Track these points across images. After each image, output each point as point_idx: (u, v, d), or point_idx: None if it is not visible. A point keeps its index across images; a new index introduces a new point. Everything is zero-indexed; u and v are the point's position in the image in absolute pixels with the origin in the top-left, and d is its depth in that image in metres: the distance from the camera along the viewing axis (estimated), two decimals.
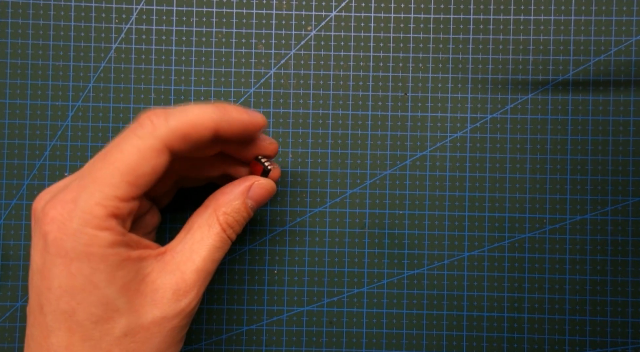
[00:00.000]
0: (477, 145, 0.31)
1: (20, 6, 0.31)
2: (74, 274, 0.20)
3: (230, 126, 0.23)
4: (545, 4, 0.31)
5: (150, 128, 0.21)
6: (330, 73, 0.31)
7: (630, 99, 0.31)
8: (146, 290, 0.22)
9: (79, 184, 0.21)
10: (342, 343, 0.30)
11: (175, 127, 0.22)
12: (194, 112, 0.22)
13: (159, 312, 0.22)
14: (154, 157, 0.21)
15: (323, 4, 0.31)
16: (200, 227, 0.24)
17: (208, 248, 0.24)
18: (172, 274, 0.23)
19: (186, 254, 0.23)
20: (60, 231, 0.20)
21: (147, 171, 0.21)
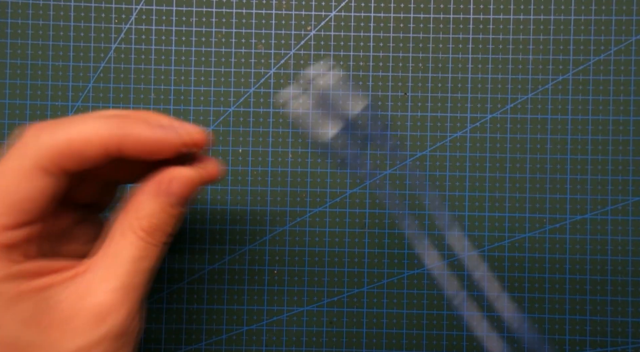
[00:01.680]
0: (477, 145, 0.31)
1: (20, 6, 0.31)
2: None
3: (135, 145, 0.20)
4: (545, 4, 0.31)
5: (23, 147, 0.19)
6: (330, 73, 0.31)
7: (630, 99, 0.31)
8: (60, 319, 0.20)
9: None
10: (342, 343, 0.30)
11: (50, 146, 0.19)
12: (78, 129, 0.20)
13: (80, 341, 0.20)
14: (28, 181, 0.19)
15: (323, 4, 0.31)
16: (112, 239, 0.21)
17: (127, 261, 0.21)
18: (90, 297, 0.20)
19: (100, 272, 0.20)
20: None
21: (30, 195, 0.19)
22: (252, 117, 0.31)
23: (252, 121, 0.31)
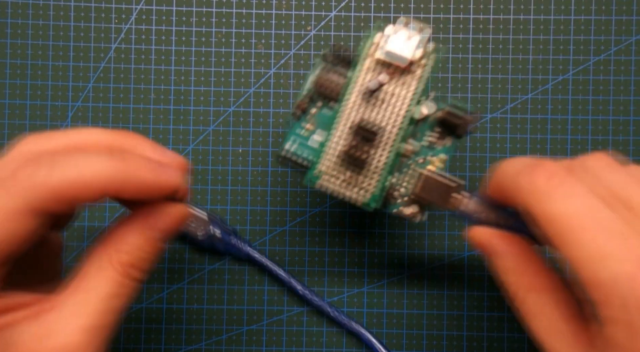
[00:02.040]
0: (477, 145, 0.31)
1: (20, 6, 0.31)
2: None
3: (134, 188, 0.18)
4: (545, 4, 0.31)
5: (13, 185, 0.17)
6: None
7: (630, 99, 0.31)
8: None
9: None
10: (342, 343, 0.30)
11: (46, 189, 0.17)
12: (77, 170, 0.17)
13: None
14: (19, 221, 0.17)
15: (323, 4, 0.31)
16: (87, 273, 0.19)
17: (100, 298, 0.19)
18: (54, 337, 0.18)
19: (71, 309, 0.18)
20: None
21: (13, 236, 0.17)
22: (252, 117, 0.31)
23: (252, 121, 0.31)
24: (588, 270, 0.17)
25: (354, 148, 0.23)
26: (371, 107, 0.24)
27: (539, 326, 0.19)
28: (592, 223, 0.17)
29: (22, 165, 0.17)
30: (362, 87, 0.23)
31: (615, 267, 0.16)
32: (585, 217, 0.17)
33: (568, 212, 0.17)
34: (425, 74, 0.23)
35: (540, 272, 0.20)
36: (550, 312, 0.19)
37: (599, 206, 0.17)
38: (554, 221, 0.17)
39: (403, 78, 0.23)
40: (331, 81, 0.24)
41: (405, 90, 0.23)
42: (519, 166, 0.20)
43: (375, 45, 0.23)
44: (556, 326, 0.19)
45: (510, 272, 0.21)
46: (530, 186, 0.18)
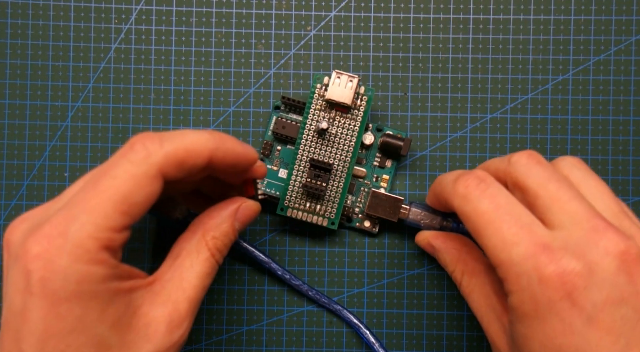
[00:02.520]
0: (477, 145, 0.31)
1: (20, 6, 0.31)
2: (62, 316, 0.18)
3: (224, 156, 0.22)
4: (545, 4, 0.31)
5: (144, 153, 0.20)
6: (329, 72, 0.31)
7: (630, 99, 0.31)
8: (138, 324, 0.20)
9: (66, 214, 0.19)
10: (342, 343, 0.30)
11: (171, 153, 0.20)
12: (190, 138, 0.21)
13: (153, 347, 0.20)
14: (148, 185, 0.20)
15: (323, 4, 0.31)
16: (189, 253, 0.23)
17: (198, 275, 0.22)
18: (164, 306, 0.21)
19: (176, 283, 0.22)
20: (47, 269, 0.18)
21: (141, 200, 0.20)
22: (252, 117, 0.31)
23: (252, 121, 0.31)
24: (496, 255, 0.20)
25: (312, 181, 0.28)
26: (326, 142, 0.29)
27: (474, 301, 0.24)
28: (497, 217, 0.21)
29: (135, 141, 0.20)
30: (313, 128, 0.28)
31: (516, 251, 0.20)
32: (492, 213, 0.21)
33: (479, 211, 0.21)
34: (365, 109, 0.28)
35: (472, 260, 0.25)
36: (480, 290, 0.24)
37: (504, 202, 0.21)
38: (471, 218, 0.22)
39: (348, 114, 0.28)
40: (285, 128, 0.29)
41: (352, 123, 0.29)
42: (451, 178, 0.23)
43: (318, 93, 0.28)
44: (486, 301, 0.24)
45: (449, 263, 0.26)
46: (455, 192, 0.22)
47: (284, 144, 0.30)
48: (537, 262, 0.19)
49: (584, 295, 0.19)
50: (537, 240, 0.20)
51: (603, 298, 0.19)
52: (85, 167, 0.30)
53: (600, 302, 0.19)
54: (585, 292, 0.19)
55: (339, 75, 0.28)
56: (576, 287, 0.19)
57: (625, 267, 0.20)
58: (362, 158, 0.30)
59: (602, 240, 0.20)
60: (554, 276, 0.19)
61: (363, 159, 0.30)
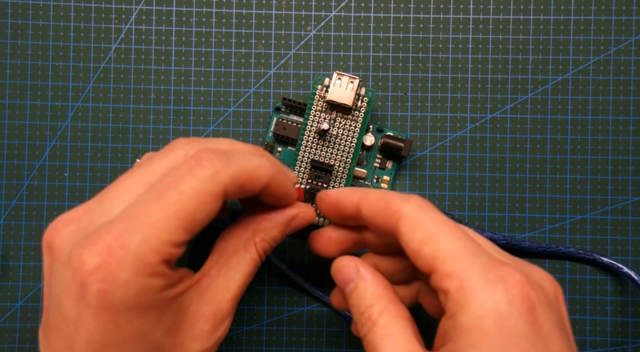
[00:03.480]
0: (476, 145, 0.31)
1: (20, 6, 0.31)
2: (121, 327, 0.18)
3: (277, 189, 0.22)
4: (545, 4, 0.31)
5: (211, 171, 0.20)
6: (330, 73, 0.31)
7: (630, 99, 0.31)
8: (186, 324, 0.21)
9: (128, 226, 0.18)
10: (342, 343, 0.30)
11: (236, 174, 0.20)
12: (253, 162, 0.21)
13: (200, 345, 0.21)
14: (212, 203, 0.20)
15: (323, 4, 0.31)
16: (237, 251, 0.23)
17: (244, 275, 0.22)
18: (209, 305, 0.21)
19: (222, 282, 0.22)
20: (107, 282, 0.18)
21: (203, 217, 0.20)
22: (252, 117, 0.31)
23: (252, 121, 0.31)
24: (457, 260, 0.19)
25: (313, 182, 0.28)
26: (326, 143, 0.29)
27: (388, 346, 0.20)
28: (458, 228, 0.20)
29: (202, 156, 0.20)
30: (314, 129, 0.28)
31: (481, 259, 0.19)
32: (452, 224, 0.20)
33: (440, 220, 0.21)
34: (365, 111, 0.28)
35: (397, 303, 0.22)
36: (400, 334, 0.21)
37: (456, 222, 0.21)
38: (426, 224, 0.20)
39: (349, 115, 0.28)
40: (286, 129, 0.29)
41: (353, 125, 0.29)
42: (386, 193, 0.23)
43: (319, 94, 0.28)
44: (406, 346, 0.20)
45: (369, 296, 0.22)
46: (408, 202, 0.21)
47: (285, 145, 0.30)
48: (502, 271, 0.19)
49: (545, 312, 0.19)
50: (496, 257, 0.20)
51: (554, 321, 0.19)
52: (85, 167, 0.30)
53: (554, 324, 0.19)
54: (547, 310, 0.19)
55: (340, 77, 0.28)
56: (540, 302, 0.19)
57: (558, 296, 0.20)
58: (363, 159, 0.30)
59: (534, 269, 0.20)
60: (521, 286, 0.18)
61: (364, 160, 0.30)
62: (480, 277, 0.19)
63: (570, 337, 0.20)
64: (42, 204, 0.30)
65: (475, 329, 0.18)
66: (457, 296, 0.19)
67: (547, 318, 0.18)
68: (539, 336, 0.18)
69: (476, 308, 0.18)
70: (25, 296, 0.30)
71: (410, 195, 0.22)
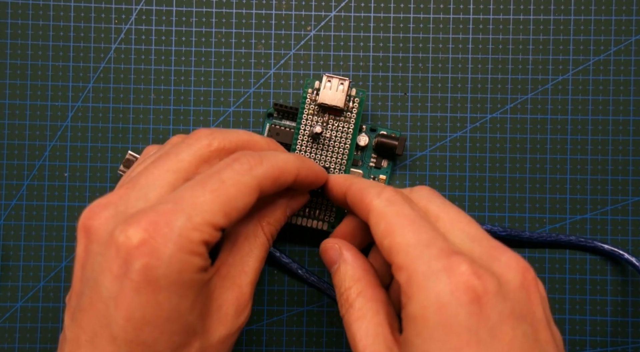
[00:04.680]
0: (476, 145, 0.31)
1: (20, 6, 0.31)
2: (161, 304, 0.19)
3: (307, 176, 0.24)
4: (545, 4, 0.31)
5: (247, 166, 0.21)
6: (330, 73, 0.31)
7: (630, 99, 0.31)
8: (212, 309, 0.22)
9: (173, 207, 0.20)
10: (342, 343, 0.30)
11: (269, 170, 0.22)
12: (282, 158, 0.23)
13: (225, 329, 0.22)
14: (248, 194, 0.21)
15: (323, 4, 0.31)
16: (247, 238, 0.24)
17: (257, 259, 0.24)
18: (231, 290, 0.22)
19: (239, 267, 0.23)
20: (152, 256, 0.19)
21: (241, 206, 0.21)
22: (252, 117, 0.31)
23: (252, 121, 0.31)
24: (408, 252, 0.20)
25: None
26: (321, 146, 0.29)
27: (361, 328, 0.22)
28: (417, 221, 0.21)
29: (239, 155, 0.22)
30: (307, 133, 0.28)
31: (429, 251, 0.20)
32: (414, 217, 0.21)
33: (402, 213, 0.21)
34: (357, 111, 0.29)
35: (374, 286, 0.23)
36: (373, 316, 0.22)
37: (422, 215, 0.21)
38: (389, 217, 0.21)
39: (341, 117, 0.29)
40: (279, 135, 0.29)
41: (346, 126, 0.29)
42: (371, 183, 0.24)
43: (310, 98, 0.29)
44: (376, 329, 0.21)
45: (348, 278, 0.23)
46: (380, 195, 0.22)
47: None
48: (450, 262, 0.19)
49: (492, 302, 0.19)
50: (450, 247, 0.20)
51: (508, 310, 0.19)
52: (85, 167, 0.30)
53: (505, 314, 0.19)
54: (494, 300, 0.19)
55: (330, 79, 0.28)
56: (486, 292, 0.19)
57: (526, 284, 0.20)
58: (358, 160, 0.30)
59: (502, 256, 0.20)
60: (465, 276, 0.19)
61: (359, 161, 0.30)
62: (426, 269, 0.19)
63: (538, 327, 0.20)
64: (42, 204, 0.30)
65: (419, 319, 0.19)
66: (406, 287, 0.20)
67: (495, 308, 0.19)
68: (484, 325, 0.18)
69: (420, 299, 0.19)
70: (25, 296, 0.30)
71: (385, 187, 0.23)
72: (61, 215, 0.30)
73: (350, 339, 0.22)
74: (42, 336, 0.30)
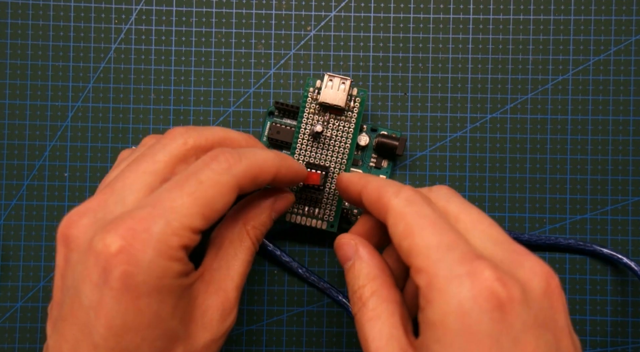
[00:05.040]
0: (476, 145, 0.31)
1: (20, 6, 0.31)
2: (141, 310, 0.19)
3: (286, 173, 0.23)
4: (545, 4, 0.31)
5: (226, 165, 0.21)
6: (331, 73, 0.31)
7: (630, 99, 0.31)
8: (197, 314, 0.21)
9: (151, 211, 0.19)
10: (342, 343, 0.30)
11: (248, 168, 0.21)
12: (261, 156, 0.22)
13: (210, 335, 0.22)
14: (227, 194, 0.21)
15: (323, 4, 0.31)
16: (232, 242, 0.23)
17: (242, 263, 0.23)
18: (216, 295, 0.22)
19: (224, 272, 0.23)
20: (131, 263, 0.18)
21: (220, 207, 0.21)
22: (252, 117, 0.31)
23: (252, 121, 0.31)
24: (429, 255, 0.19)
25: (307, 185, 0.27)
26: (321, 145, 0.29)
27: (374, 328, 0.21)
28: (439, 222, 0.20)
29: (217, 153, 0.21)
30: (308, 132, 0.28)
31: (452, 255, 0.19)
32: (436, 218, 0.20)
33: (422, 213, 0.21)
34: (358, 111, 0.28)
35: (389, 286, 0.22)
36: (387, 318, 0.21)
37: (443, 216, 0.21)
38: (409, 218, 0.21)
39: (342, 117, 0.29)
40: (280, 133, 0.29)
41: (347, 125, 0.29)
42: (387, 182, 0.23)
43: (311, 97, 0.28)
44: (390, 331, 0.21)
45: (363, 276, 0.23)
46: (399, 194, 0.22)
47: (280, 149, 0.30)
48: (473, 267, 0.18)
49: (516, 310, 0.18)
50: (474, 251, 0.19)
51: (531, 319, 0.18)
52: (85, 168, 0.30)
53: (529, 323, 0.18)
54: (518, 307, 0.18)
55: (331, 78, 0.28)
56: (510, 300, 0.18)
57: (549, 291, 0.19)
58: (358, 159, 0.30)
59: (526, 261, 0.20)
60: (489, 282, 0.18)
61: (359, 161, 0.30)
62: (448, 273, 0.19)
63: (560, 335, 0.19)
64: (42, 204, 0.30)
65: (439, 325, 0.18)
66: (426, 291, 0.19)
67: (519, 316, 0.18)
68: (506, 334, 0.18)
69: (441, 304, 0.18)
70: (25, 296, 0.30)
71: (404, 187, 0.22)
72: (61, 215, 0.30)
73: (362, 339, 0.21)
74: (42, 336, 0.30)
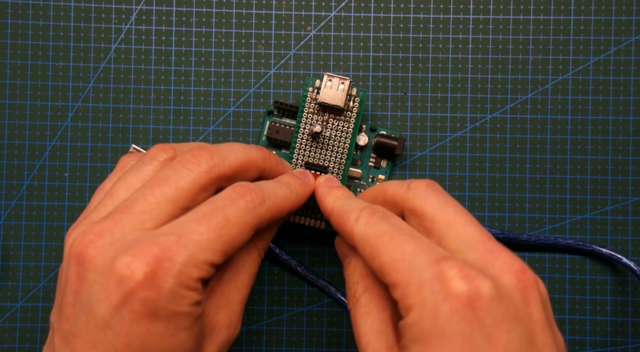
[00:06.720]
0: (476, 145, 0.31)
1: (20, 6, 0.31)
2: (160, 334, 0.19)
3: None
4: (545, 4, 0.31)
5: (252, 205, 0.21)
6: (330, 73, 0.31)
7: (630, 99, 0.31)
8: (206, 331, 0.22)
9: (176, 241, 0.20)
10: (342, 343, 0.30)
11: (269, 210, 0.22)
12: (281, 196, 0.23)
13: (215, 348, 0.22)
14: (248, 233, 0.21)
15: (323, 4, 0.31)
16: (241, 254, 0.24)
17: (250, 276, 0.24)
18: (225, 309, 0.23)
19: (232, 285, 0.23)
20: (153, 290, 0.19)
21: (239, 245, 0.21)
22: (252, 117, 0.31)
23: (252, 121, 0.31)
24: (396, 267, 0.20)
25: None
26: (320, 145, 0.29)
27: (365, 324, 0.22)
28: (398, 235, 0.21)
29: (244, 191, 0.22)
30: (307, 132, 0.28)
31: (417, 261, 0.19)
32: (393, 232, 0.21)
33: (380, 232, 0.21)
34: (357, 111, 0.28)
35: (379, 284, 0.22)
36: (377, 313, 0.22)
37: (404, 226, 0.21)
38: (371, 239, 0.21)
39: (341, 116, 0.28)
40: (279, 133, 0.29)
41: (346, 125, 0.29)
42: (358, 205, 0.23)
43: (310, 96, 0.28)
44: (380, 326, 0.21)
45: (357, 274, 0.23)
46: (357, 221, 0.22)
47: (279, 148, 0.30)
48: (439, 269, 0.19)
49: (486, 306, 0.18)
50: (437, 253, 0.20)
51: (502, 314, 0.19)
52: (85, 168, 0.30)
53: (499, 318, 0.18)
54: (488, 303, 0.18)
55: (331, 78, 0.28)
56: (479, 296, 0.18)
57: (521, 286, 0.20)
58: (357, 159, 0.30)
59: (497, 261, 0.20)
60: (455, 281, 0.19)
61: (358, 160, 0.30)
62: (418, 280, 0.19)
63: (535, 329, 0.19)
64: (42, 204, 0.30)
65: (415, 328, 0.19)
66: (403, 303, 0.19)
67: (489, 312, 0.18)
68: (478, 330, 0.18)
69: (417, 310, 0.19)
70: (25, 296, 0.30)
71: (363, 209, 0.22)
72: (61, 215, 0.30)
73: (355, 333, 0.22)
74: (42, 336, 0.30)
